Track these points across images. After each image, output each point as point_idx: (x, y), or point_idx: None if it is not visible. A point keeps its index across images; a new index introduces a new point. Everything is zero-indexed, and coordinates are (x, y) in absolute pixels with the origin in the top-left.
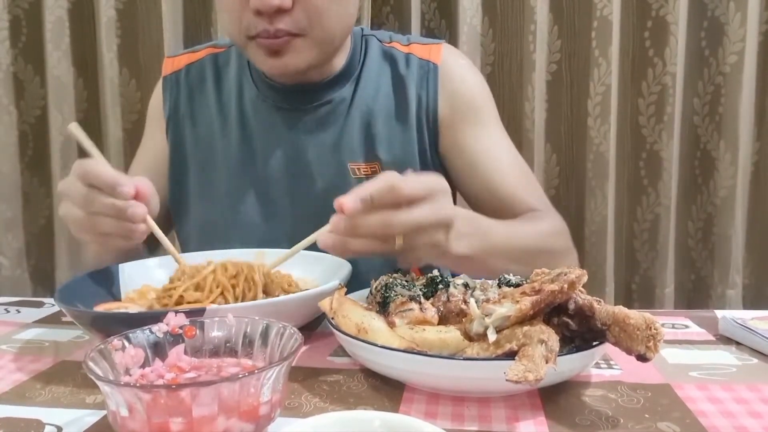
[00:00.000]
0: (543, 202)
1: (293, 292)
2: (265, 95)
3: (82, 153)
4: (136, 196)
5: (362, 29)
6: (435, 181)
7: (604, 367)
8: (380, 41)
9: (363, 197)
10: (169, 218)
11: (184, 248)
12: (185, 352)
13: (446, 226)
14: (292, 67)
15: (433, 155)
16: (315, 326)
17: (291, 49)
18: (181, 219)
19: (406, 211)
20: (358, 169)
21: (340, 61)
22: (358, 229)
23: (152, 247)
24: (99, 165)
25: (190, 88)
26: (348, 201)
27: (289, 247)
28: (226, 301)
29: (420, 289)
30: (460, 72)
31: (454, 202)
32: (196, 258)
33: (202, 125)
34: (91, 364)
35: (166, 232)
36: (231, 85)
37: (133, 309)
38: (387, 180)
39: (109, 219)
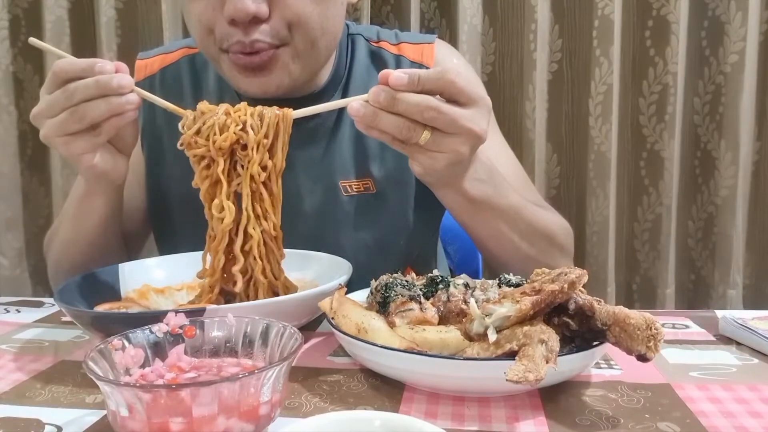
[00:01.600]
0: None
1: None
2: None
3: None
4: (117, 72)
5: (347, 26)
6: (485, 94)
7: (605, 367)
8: (367, 40)
9: (411, 74)
10: (146, 224)
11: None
12: (185, 352)
13: (476, 139)
14: (273, 88)
15: None
16: (315, 326)
17: (272, 66)
18: (163, 233)
19: (448, 104)
20: (350, 186)
21: (326, 71)
22: (397, 104)
23: (132, 248)
24: (68, 58)
25: (167, 95)
26: (395, 72)
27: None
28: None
29: (420, 289)
30: None
31: None
32: (188, 258)
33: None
34: (91, 363)
35: (143, 237)
36: (211, 93)
37: (133, 309)
38: (439, 69)
39: (96, 101)
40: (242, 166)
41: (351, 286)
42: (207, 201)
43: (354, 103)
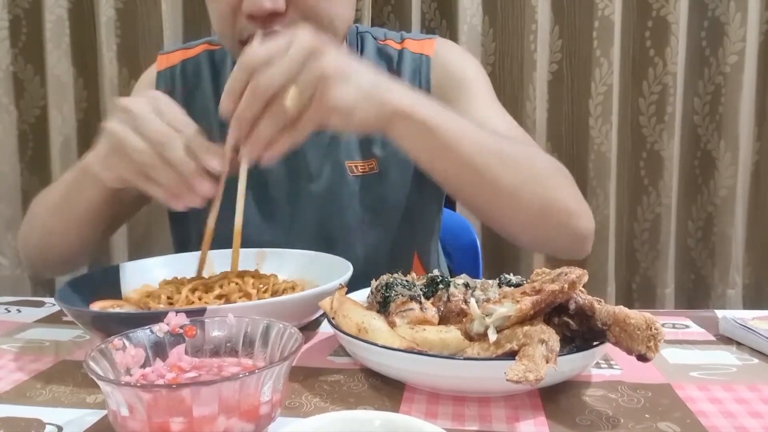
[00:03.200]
0: None
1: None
2: None
3: (82, 152)
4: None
5: (356, 27)
6: (291, 34)
7: (605, 367)
8: (375, 39)
9: (225, 91)
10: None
11: (181, 248)
12: (186, 352)
13: (309, 38)
14: None
15: None
16: (315, 326)
17: None
18: (177, 217)
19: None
20: (356, 166)
21: None
22: (245, 113)
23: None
24: (205, 144)
25: (186, 84)
26: (220, 106)
27: (288, 248)
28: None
29: (420, 289)
30: (451, 56)
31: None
32: (188, 258)
33: (200, 125)
34: (91, 363)
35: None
36: None
37: (128, 308)
38: (237, 63)
39: (172, 173)
40: None
41: (359, 272)
42: None
43: (241, 155)
